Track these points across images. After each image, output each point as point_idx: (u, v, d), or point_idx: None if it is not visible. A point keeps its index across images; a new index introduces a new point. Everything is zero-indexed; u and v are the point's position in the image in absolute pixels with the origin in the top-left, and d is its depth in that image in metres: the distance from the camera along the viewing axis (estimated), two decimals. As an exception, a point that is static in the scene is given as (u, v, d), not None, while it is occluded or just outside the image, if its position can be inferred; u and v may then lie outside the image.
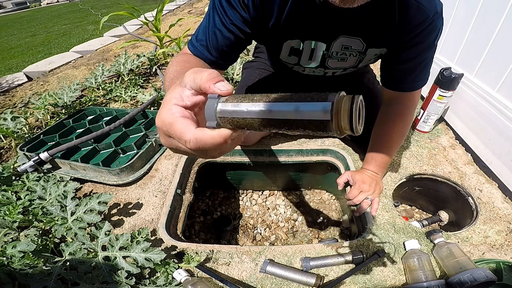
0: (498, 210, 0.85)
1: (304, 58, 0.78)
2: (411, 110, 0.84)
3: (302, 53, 0.77)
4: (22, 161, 1.12)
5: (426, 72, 0.76)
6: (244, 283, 0.71)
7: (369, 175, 0.89)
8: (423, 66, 0.74)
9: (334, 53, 0.75)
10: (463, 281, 0.60)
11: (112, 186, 1.02)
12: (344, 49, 0.73)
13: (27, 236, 0.80)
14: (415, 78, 0.76)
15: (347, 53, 0.74)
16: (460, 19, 1.13)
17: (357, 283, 0.69)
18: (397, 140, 0.87)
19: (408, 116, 0.84)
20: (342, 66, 0.81)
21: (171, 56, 2.35)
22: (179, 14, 4.20)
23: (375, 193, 0.87)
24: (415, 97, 0.82)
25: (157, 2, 6.18)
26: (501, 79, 0.94)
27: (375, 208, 0.85)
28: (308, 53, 0.76)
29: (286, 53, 0.78)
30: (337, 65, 0.80)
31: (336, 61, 0.78)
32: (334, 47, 0.72)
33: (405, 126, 0.86)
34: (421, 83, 0.78)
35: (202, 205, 1.39)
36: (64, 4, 9.79)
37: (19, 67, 2.94)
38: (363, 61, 0.78)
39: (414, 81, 0.77)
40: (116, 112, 1.37)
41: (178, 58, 0.60)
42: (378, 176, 0.89)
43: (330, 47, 0.73)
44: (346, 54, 0.75)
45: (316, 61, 0.78)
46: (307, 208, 1.33)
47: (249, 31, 0.65)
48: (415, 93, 0.80)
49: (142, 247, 0.69)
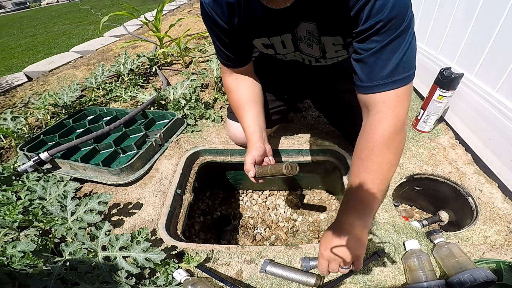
0: (498, 210, 0.85)
1: (278, 48, 0.81)
2: (392, 120, 0.59)
3: (274, 46, 0.80)
4: (22, 161, 1.12)
5: (396, 64, 0.57)
6: (244, 283, 0.71)
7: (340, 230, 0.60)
8: (386, 55, 0.57)
9: (302, 37, 0.74)
10: (463, 281, 0.60)
11: (112, 186, 1.02)
12: (308, 33, 0.71)
13: (27, 236, 0.80)
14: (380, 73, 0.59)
15: (311, 38, 0.73)
16: (460, 19, 1.12)
17: (357, 283, 0.69)
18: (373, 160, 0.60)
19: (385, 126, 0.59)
20: (312, 54, 0.80)
21: (171, 56, 2.35)
22: (179, 14, 4.20)
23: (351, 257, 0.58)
24: (392, 101, 0.60)
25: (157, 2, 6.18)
26: (501, 79, 0.93)
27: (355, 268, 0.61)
28: (280, 44, 0.78)
29: (261, 47, 0.82)
30: (308, 51, 0.80)
31: (306, 46, 0.77)
32: (299, 32, 0.72)
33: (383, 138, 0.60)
34: (394, 80, 0.58)
35: (202, 205, 1.39)
36: (64, 4, 9.79)
37: (19, 67, 2.94)
38: (327, 51, 0.76)
39: (384, 77, 0.59)
40: (116, 112, 1.37)
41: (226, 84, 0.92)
42: (353, 228, 0.59)
43: (296, 34, 0.73)
44: (311, 40, 0.73)
45: (290, 47, 0.80)
46: (307, 208, 1.33)
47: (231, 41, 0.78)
48: (391, 96, 0.59)
49: (142, 247, 0.69)
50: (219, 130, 1.26)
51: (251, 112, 0.87)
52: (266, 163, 0.83)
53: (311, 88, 1.08)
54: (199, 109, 1.37)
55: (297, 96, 1.15)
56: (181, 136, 1.23)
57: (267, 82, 0.99)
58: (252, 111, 0.87)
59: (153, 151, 1.13)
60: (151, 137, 1.18)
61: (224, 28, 0.73)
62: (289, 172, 0.65)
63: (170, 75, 1.97)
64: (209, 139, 1.20)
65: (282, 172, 0.66)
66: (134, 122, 1.33)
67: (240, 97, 0.89)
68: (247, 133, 0.86)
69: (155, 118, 1.34)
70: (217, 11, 0.70)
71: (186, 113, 1.35)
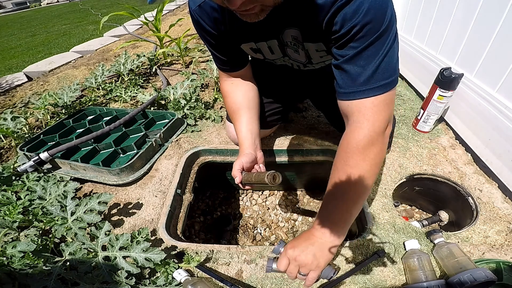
0: (498, 210, 0.85)
1: (266, 54, 0.81)
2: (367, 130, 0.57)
3: (262, 51, 0.80)
4: (22, 161, 1.12)
5: (373, 71, 0.56)
6: (244, 283, 0.71)
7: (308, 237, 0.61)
8: (363, 61, 0.56)
9: (289, 43, 0.73)
10: (463, 281, 0.60)
11: (112, 186, 1.02)
12: (294, 39, 0.70)
13: (27, 236, 0.80)
14: (356, 80, 0.57)
15: (297, 44, 0.72)
16: (460, 19, 1.12)
17: (357, 283, 0.69)
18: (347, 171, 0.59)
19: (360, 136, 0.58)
20: (298, 59, 0.80)
21: (171, 56, 2.35)
22: (179, 14, 4.20)
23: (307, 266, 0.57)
24: (368, 111, 0.58)
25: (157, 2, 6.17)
26: (501, 79, 0.94)
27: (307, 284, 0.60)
28: (267, 49, 0.78)
29: (250, 52, 0.82)
30: (295, 57, 0.80)
31: (293, 52, 0.77)
32: (285, 38, 0.72)
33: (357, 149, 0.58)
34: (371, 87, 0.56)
35: (202, 205, 1.39)
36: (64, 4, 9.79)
37: (19, 67, 2.94)
38: (313, 57, 0.76)
39: (360, 84, 0.57)
40: (116, 112, 1.37)
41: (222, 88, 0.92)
42: (315, 237, 0.59)
43: (282, 40, 0.73)
44: (296, 46, 0.73)
45: (277, 53, 0.80)
46: (307, 208, 1.33)
47: (222, 46, 0.79)
48: (367, 105, 0.58)
49: (142, 247, 0.69)
50: (219, 130, 1.26)
51: (244, 118, 0.87)
52: (255, 170, 0.83)
53: (307, 88, 1.08)
54: (199, 109, 1.37)
55: (296, 97, 1.15)
56: (181, 136, 1.23)
57: (265, 84, 0.99)
58: (245, 117, 0.87)
59: (153, 151, 1.13)
60: (151, 137, 1.19)
61: (213, 33, 0.74)
62: (271, 181, 0.66)
63: (170, 75, 1.97)
64: (209, 139, 1.20)
65: (264, 181, 0.66)
66: (134, 122, 1.33)
67: (234, 102, 0.89)
68: (239, 138, 0.86)
69: (155, 118, 1.34)
70: (204, 17, 0.71)
71: (186, 113, 1.35)
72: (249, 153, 0.82)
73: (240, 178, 0.77)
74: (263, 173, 0.69)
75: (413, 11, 1.49)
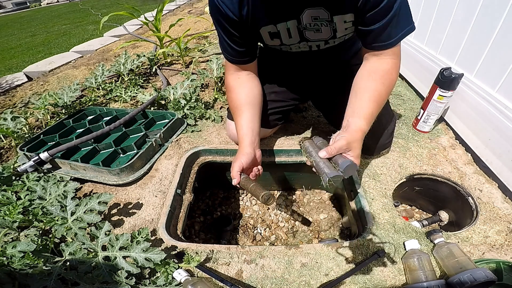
0: (498, 210, 0.85)
1: (284, 38, 0.82)
2: (397, 65, 0.78)
3: (281, 34, 0.81)
4: (22, 161, 1.12)
5: (402, 21, 0.72)
6: (244, 283, 0.71)
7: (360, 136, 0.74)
8: (396, 17, 0.70)
9: (308, 25, 0.77)
10: (463, 281, 0.60)
11: (112, 186, 1.02)
12: (314, 19, 0.74)
13: (27, 236, 0.80)
14: (392, 32, 0.72)
15: (318, 23, 0.76)
16: (460, 19, 1.12)
17: (357, 283, 0.69)
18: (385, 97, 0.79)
19: (394, 70, 0.78)
20: (320, 38, 0.82)
21: (171, 56, 2.35)
22: (179, 14, 4.20)
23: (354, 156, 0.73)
24: (399, 49, 0.78)
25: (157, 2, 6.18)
26: (501, 79, 0.94)
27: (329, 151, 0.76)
28: (286, 32, 0.79)
29: (268, 38, 0.83)
30: (315, 37, 0.81)
31: (313, 33, 0.79)
32: (305, 20, 0.75)
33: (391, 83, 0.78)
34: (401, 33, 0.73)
35: (202, 205, 1.39)
36: (64, 4, 9.79)
37: (19, 67, 2.94)
38: (338, 30, 0.78)
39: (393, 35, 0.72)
40: (116, 112, 1.37)
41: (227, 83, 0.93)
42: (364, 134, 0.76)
43: (301, 21, 0.75)
44: (318, 25, 0.76)
45: (295, 37, 0.81)
46: (307, 208, 1.33)
47: (238, 34, 0.80)
48: (398, 45, 0.76)
49: (142, 247, 0.69)
50: (219, 130, 1.26)
51: (247, 114, 0.88)
52: (254, 173, 0.87)
53: (311, 88, 1.08)
54: (199, 109, 1.37)
55: (299, 96, 1.15)
56: (181, 136, 1.23)
57: (269, 81, 0.99)
58: (247, 113, 0.88)
59: (153, 151, 1.13)
60: (151, 137, 1.18)
61: (233, 20, 0.75)
62: (265, 202, 0.73)
63: (170, 75, 1.97)
64: (209, 139, 1.20)
65: (259, 199, 0.73)
66: (134, 122, 1.33)
67: (238, 98, 0.90)
68: (239, 134, 0.87)
69: (155, 118, 1.34)
70: (227, 2, 0.72)
71: (186, 113, 1.35)
72: (248, 152, 0.83)
73: (238, 180, 0.79)
74: (260, 190, 0.74)
75: (413, 11, 1.49)
